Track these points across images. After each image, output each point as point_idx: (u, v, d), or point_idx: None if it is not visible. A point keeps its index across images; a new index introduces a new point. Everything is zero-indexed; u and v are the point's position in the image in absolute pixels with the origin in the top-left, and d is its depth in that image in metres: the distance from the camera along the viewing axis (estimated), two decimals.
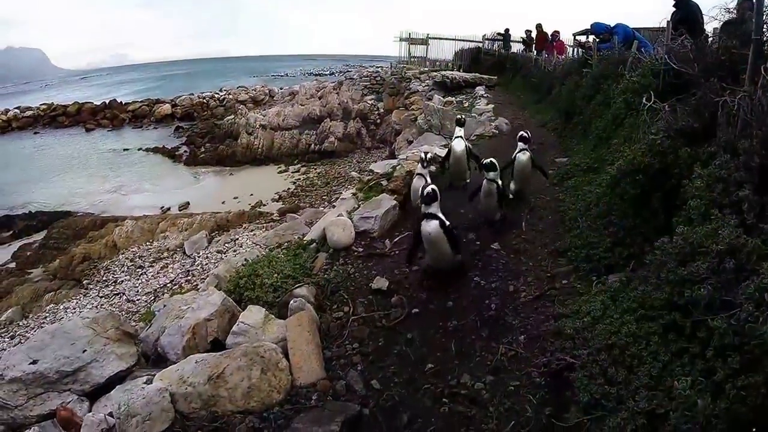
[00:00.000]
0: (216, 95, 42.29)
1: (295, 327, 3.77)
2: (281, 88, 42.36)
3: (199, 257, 14.17)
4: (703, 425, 2.02)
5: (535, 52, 19.36)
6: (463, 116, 6.86)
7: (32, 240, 19.55)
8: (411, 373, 3.61)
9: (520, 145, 6.58)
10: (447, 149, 7.44)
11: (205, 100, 40.93)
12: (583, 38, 13.69)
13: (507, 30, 24.22)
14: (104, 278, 14.95)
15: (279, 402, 3.38)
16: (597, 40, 10.99)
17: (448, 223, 4.38)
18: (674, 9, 7.48)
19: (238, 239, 14.64)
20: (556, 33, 18.26)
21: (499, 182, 5.58)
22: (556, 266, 4.68)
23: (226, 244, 14.41)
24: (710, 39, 5.90)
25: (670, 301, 2.72)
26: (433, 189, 4.38)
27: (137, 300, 12.60)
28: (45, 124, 42.35)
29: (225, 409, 3.28)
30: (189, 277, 13.07)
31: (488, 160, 5.56)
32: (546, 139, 10.25)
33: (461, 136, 7.18)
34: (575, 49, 14.15)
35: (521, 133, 6.71)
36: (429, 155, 6.28)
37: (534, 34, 20.28)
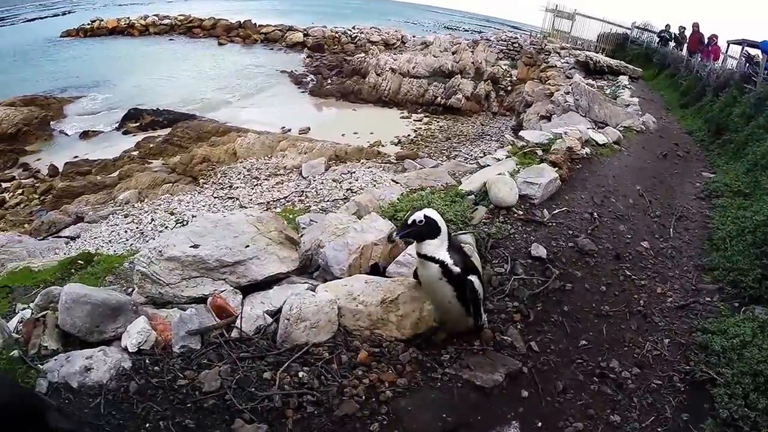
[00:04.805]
0: (348, 32, 42.37)
1: None
2: (414, 36, 41.80)
3: (314, 181, 14.52)
4: None
5: (687, 52, 17.80)
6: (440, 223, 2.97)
7: (156, 134, 21.01)
8: (566, 345, 3.59)
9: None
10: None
11: (337, 35, 41.31)
12: (745, 49, 12.73)
13: (668, 26, 22.16)
14: (220, 181, 15.81)
15: (442, 340, 3.31)
16: (765, 57, 10.34)
17: None
18: None
19: (354, 172, 14.80)
20: (713, 36, 16.43)
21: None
22: (701, 281, 4.66)
23: (343, 175, 14.62)
24: None
25: None
26: None
27: (249, 208, 13.13)
28: (180, 33, 44.65)
29: (389, 334, 3.21)
30: (302, 197, 13.43)
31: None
32: (691, 149, 9.88)
33: (444, 262, 2.93)
34: (740, 61, 13.05)
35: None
36: None
37: (688, 33, 18.53)
